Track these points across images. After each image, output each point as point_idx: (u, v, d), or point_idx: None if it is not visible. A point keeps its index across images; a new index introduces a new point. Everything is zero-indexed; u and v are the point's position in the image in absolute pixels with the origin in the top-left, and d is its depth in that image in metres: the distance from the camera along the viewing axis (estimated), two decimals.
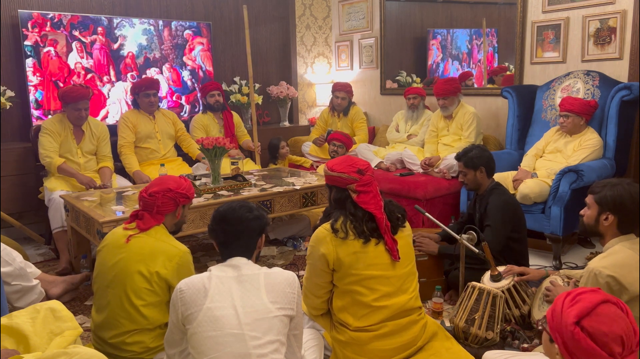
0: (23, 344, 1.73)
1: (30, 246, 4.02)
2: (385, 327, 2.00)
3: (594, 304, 1.29)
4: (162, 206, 2.20)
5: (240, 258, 1.76)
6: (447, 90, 4.28)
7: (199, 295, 1.66)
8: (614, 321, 1.26)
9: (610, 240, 2.07)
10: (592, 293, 1.33)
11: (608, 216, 2.05)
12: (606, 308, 1.28)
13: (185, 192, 2.26)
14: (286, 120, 5.75)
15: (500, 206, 2.84)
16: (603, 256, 2.00)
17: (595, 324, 1.26)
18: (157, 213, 2.20)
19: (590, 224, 2.12)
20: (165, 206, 2.21)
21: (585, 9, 3.96)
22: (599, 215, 2.08)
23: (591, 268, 1.96)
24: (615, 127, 3.57)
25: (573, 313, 1.29)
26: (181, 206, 2.29)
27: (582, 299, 1.31)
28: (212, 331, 1.62)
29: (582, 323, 1.27)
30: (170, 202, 2.22)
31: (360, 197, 2.03)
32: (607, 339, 1.24)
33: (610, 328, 1.25)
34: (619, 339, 1.24)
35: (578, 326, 1.27)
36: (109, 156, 3.99)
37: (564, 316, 1.30)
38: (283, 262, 3.59)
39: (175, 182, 2.26)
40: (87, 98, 3.78)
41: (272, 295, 1.69)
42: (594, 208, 2.09)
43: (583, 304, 1.29)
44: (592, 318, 1.27)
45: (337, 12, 6.08)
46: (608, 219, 2.05)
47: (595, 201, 2.09)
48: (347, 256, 1.98)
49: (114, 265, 2.11)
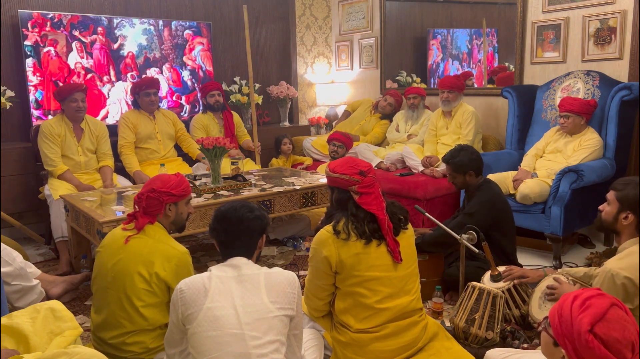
0: (23, 344, 1.73)
1: (30, 246, 4.01)
2: (386, 328, 2.00)
3: (605, 310, 1.26)
4: (147, 207, 2.16)
5: (241, 258, 1.76)
6: (454, 84, 4.28)
7: (199, 294, 1.66)
8: (624, 326, 1.24)
9: (628, 240, 2.03)
10: (600, 297, 1.30)
11: (628, 215, 2.01)
12: (615, 313, 1.26)
13: (169, 190, 2.18)
14: (286, 120, 5.75)
15: (483, 201, 2.88)
16: (620, 258, 1.97)
17: (608, 331, 1.23)
18: (145, 214, 2.17)
19: (609, 221, 2.07)
20: (151, 207, 2.17)
21: (585, 9, 3.95)
22: (618, 212, 2.03)
23: (608, 269, 1.92)
24: (615, 127, 3.57)
25: (586, 320, 1.25)
26: (171, 205, 2.21)
27: (592, 304, 1.28)
28: (212, 331, 1.62)
29: (595, 329, 1.24)
30: (154, 202, 2.16)
31: (362, 198, 2.03)
32: (620, 346, 1.22)
33: (622, 334, 1.23)
34: (631, 345, 1.23)
35: (591, 333, 1.24)
36: (109, 154, 3.99)
37: (576, 323, 1.26)
38: (283, 262, 3.59)
39: (161, 182, 2.20)
40: (82, 90, 3.79)
41: (273, 295, 1.69)
42: (614, 205, 2.05)
43: (594, 311, 1.26)
44: (603, 325, 1.24)
45: (337, 12, 6.08)
46: (628, 218, 2.01)
47: (617, 198, 2.04)
48: (349, 257, 1.98)
49: (113, 266, 2.10)
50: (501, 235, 2.89)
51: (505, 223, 2.94)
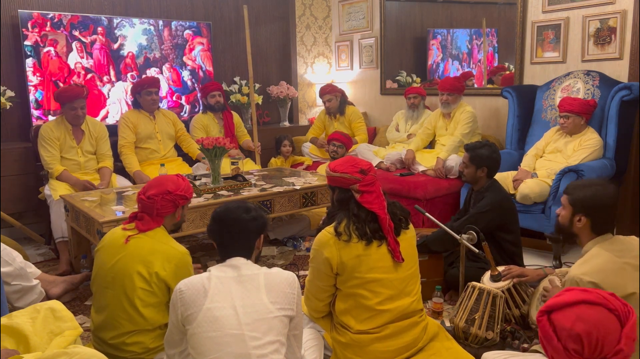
0: (23, 344, 1.73)
1: (30, 246, 4.02)
2: (386, 329, 2.00)
3: (570, 301, 1.32)
4: (161, 209, 2.17)
5: (240, 259, 1.76)
6: (454, 86, 4.28)
7: (199, 295, 1.65)
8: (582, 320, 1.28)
9: (588, 243, 2.03)
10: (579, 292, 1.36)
11: (581, 217, 2.01)
12: (581, 309, 1.31)
13: (184, 193, 2.23)
14: (286, 120, 5.75)
15: (494, 201, 2.85)
16: (582, 262, 1.96)
17: (561, 318, 1.31)
18: (157, 215, 2.18)
19: (565, 225, 2.08)
20: (165, 209, 2.18)
21: (585, 9, 3.95)
22: (572, 216, 2.04)
23: (572, 276, 1.91)
24: (615, 127, 3.57)
25: (549, 303, 1.35)
26: (180, 207, 2.27)
27: (564, 294, 1.36)
28: (211, 331, 1.61)
29: (552, 315, 1.33)
30: (169, 205, 2.19)
31: (363, 197, 2.02)
32: (566, 334, 1.29)
33: (573, 325, 1.28)
34: (578, 338, 1.27)
35: (546, 313, 1.34)
36: (109, 154, 3.99)
37: (543, 307, 1.36)
38: (283, 262, 3.59)
39: (173, 183, 2.22)
40: (83, 97, 3.77)
41: (272, 295, 1.69)
42: (568, 209, 2.06)
43: (560, 299, 1.34)
44: (561, 312, 1.32)
45: (337, 12, 6.08)
46: (581, 221, 2.02)
47: (569, 202, 2.05)
48: (351, 259, 1.98)
49: (113, 266, 2.10)
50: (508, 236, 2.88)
51: (512, 225, 2.93)
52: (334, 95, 5.09)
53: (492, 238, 2.83)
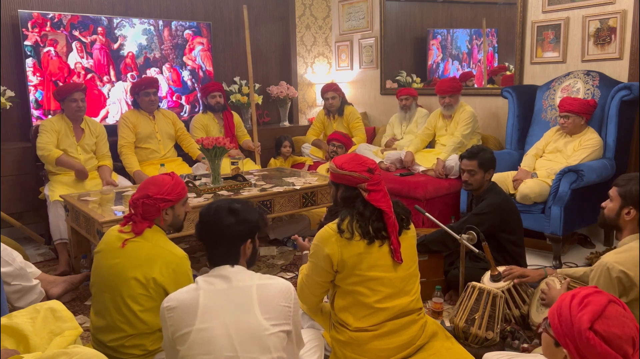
0: (23, 344, 1.73)
1: (30, 246, 4.02)
2: (384, 327, 2.00)
3: (603, 307, 1.27)
4: (145, 214, 2.10)
5: (227, 267, 1.64)
6: (452, 87, 4.29)
7: (189, 313, 1.55)
8: (623, 322, 1.25)
9: (628, 236, 2.05)
10: (597, 295, 1.31)
11: (630, 210, 2.03)
12: (613, 309, 1.27)
13: (165, 196, 2.10)
14: (286, 120, 5.75)
15: (492, 204, 2.87)
16: (618, 252, 1.98)
17: (608, 328, 1.24)
18: (144, 219, 2.12)
19: (611, 217, 2.09)
20: (148, 213, 2.11)
21: (585, 9, 3.95)
22: (621, 208, 2.05)
23: (604, 262, 1.93)
24: (615, 127, 3.57)
25: (585, 318, 1.25)
26: (168, 209, 2.16)
27: (591, 302, 1.28)
28: (204, 354, 1.52)
29: (595, 326, 1.25)
30: (151, 209, 2.09)
31: (371, 196, 2.01)
32: (620, 341, 1.23)
33: (622, 329, 1.24)
34: (631, 341, 1.23)
35: (592, 330, 1.24)
36: (108, 154, 4.00)
37: (576, 321, 1.26)
38: (283, 262, 3.59)
39: (156, 186, 2.12)
40: (81, 89, 3.79)
41: (266, 310, 1.57)
42: (617, 201, 2.06)
43: (593, 308, 1.27)
44: (603, 321, 1.25)
45: (337, 12, 6.08)
46: (630, 213, 2.03)
47: (619, 194, 2.06)
48: (352, 257, 1.97)
49: (110, 270, 2.06)
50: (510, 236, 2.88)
51: (514, 226, 2.92)
52: (337, 94, 5.13)
53: (494, 238, 2.83)
